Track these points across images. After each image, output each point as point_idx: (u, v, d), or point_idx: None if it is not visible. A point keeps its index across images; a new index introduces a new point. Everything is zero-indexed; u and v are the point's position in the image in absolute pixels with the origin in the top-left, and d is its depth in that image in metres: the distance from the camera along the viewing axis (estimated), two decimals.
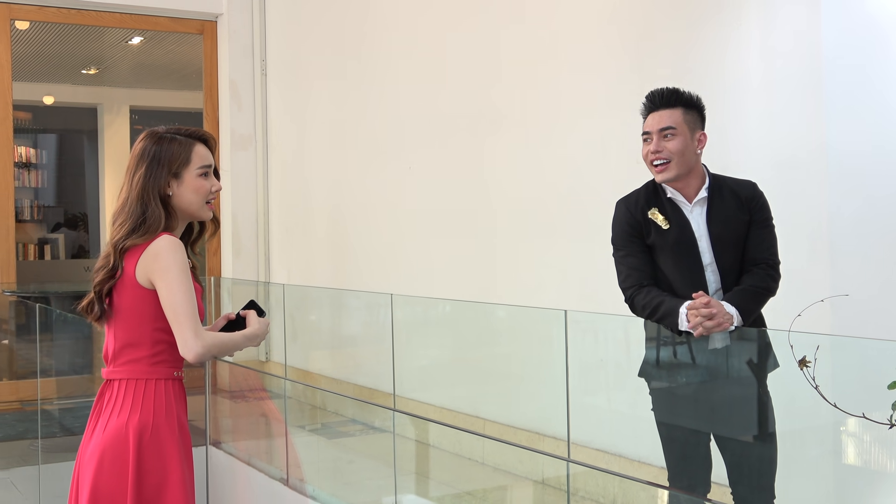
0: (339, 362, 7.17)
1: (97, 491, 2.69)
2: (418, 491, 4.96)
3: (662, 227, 3.31)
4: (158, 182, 2.74)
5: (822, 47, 4.05)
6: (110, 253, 2.73)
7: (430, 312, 5.95)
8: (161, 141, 2.78)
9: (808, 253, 4.03)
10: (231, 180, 8.45)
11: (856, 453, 3.80)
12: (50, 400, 5.79)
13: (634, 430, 4.44)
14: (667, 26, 4.73)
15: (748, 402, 3.42)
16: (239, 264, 8.41)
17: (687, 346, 3.34)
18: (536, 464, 5.02)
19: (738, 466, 3.34)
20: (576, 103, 5.26)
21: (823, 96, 4.06)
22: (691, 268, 3.30)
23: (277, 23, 8.34)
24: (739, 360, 3.40)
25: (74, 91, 11.26)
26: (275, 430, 4.93)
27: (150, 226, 2.71)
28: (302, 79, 8.00)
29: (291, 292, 7.04)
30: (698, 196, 3.33)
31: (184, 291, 2.66)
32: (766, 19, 4.31)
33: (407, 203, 6.64)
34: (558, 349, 3.79)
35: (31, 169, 11.32)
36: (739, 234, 3.32)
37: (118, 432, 2.69)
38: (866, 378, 2.94)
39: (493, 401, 5.51)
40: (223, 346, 2.78)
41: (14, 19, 8.08)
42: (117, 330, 2.77)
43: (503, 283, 5.76)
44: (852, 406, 2.29)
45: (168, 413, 2.74)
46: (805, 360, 1.80)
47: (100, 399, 2.80)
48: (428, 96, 6.42)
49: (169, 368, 2.77)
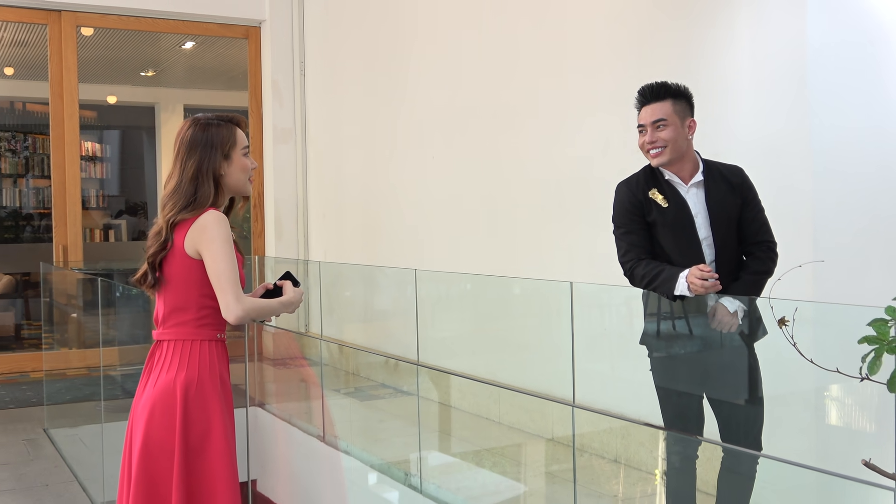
0: (371, 333, 7.18)
1: (149, 439, 2.70)
2: (441, 447, 4.97)
3: (662, 205, 3.29)
4: (213, 164, 2.75)
5: (806, 49, 4.03)
6: (162, 227, 2.74)
7: (452, 288, 5.95)
8: (208, 127, 2.79)
9: (792, 232, 4.00)
10: (273, 170, 8.47)
11: (836, 412, 3.78)
12: (113, 366, 5.82)
13: (636, 393, 4.42)
14: (666, 29, 4.70)
15: (737, 367, 3.40)
16: (281, 245, 8.44)
17: (684, 319, 3.33)
18: (547, 423, 5.02)
19: (728, 423, 3.32)
20: (582, 100, 5.23)
21: (806, 92, 4.04)
22: (689, 243, 3.29)
23: (315, 28, 8.34)
24: None
25: (134, 91, 11.30)
26: (312, 394, 4.95)
27: (199, 202, 2.72)
28: (337, 78, 8.00)
29: (327, 269, 7.05)
30: (694, 179, 3.32)
31: (227, 260, 2.67)
32: (756, 24, 4.28)
33: (430, 189, 6.64)
34: (566, 319, 3.78)
35: (96, 162, 11.37)
36: (732, 214, 3.31)
37: (167, 387, 2.71)
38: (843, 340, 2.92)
39: (508, 368, 5.50)
40: (261, 311, 2.78)
41: (80, 26, 8.13)
42: (167, 296, 2.78)
43: (516, 260, 5.75)
44: (831, 366, 2.27)
45: (211, 371, 2.75)
46: (784, 320, 1.77)
47: (151, 358, 2.81)
48: (448, 93, 6.41)
49: (213, 331, 2.78)
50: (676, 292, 3.14)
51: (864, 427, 3.69)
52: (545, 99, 5.50)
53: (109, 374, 5.70)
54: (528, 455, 5.31)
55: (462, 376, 4.94)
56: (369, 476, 4.19)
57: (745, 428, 3.30)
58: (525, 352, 5.33)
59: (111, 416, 5.19)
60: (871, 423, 3.61)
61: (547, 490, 4.38)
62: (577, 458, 4.57)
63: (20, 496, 5.03)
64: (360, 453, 4.33)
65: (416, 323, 4.77)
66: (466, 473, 4.57)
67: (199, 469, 2.71)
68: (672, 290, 3.15)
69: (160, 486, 2.70)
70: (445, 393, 5.28)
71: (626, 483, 4.73)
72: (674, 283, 3.15)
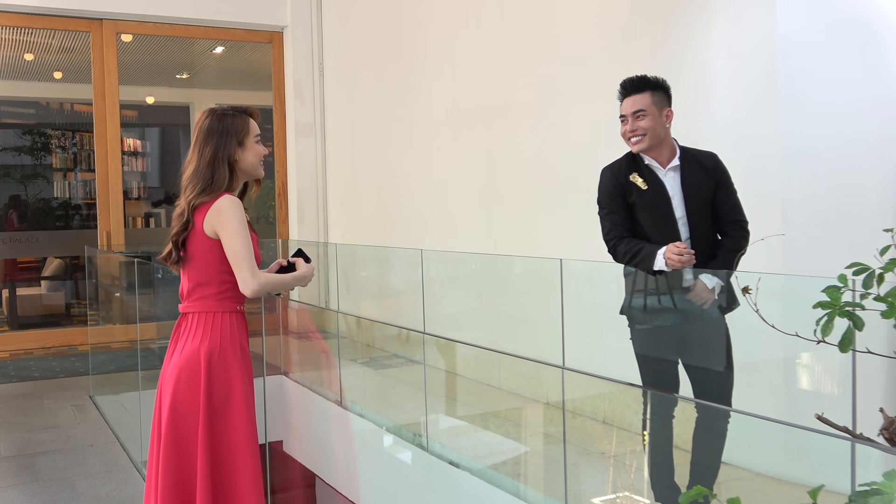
0: (384, 308, 7.18)
1: (176, 402, 2.70)
2: (447, 411, 4.96)
3: (642, 188, 3.28)
4: (228, 150, 2.74)
5: (776, 45, 4.00)
6: (184, 209, 2.73)
7: (459, 268, 5.95)
8: (223, 118, 2.77)
9: (763, 211, 3.97)
10: (296, 162, 8.47)
11: (802, 375, 3.76)
12: (150, 340, 5.83)
13: (622, 361, 4.42)
14: (649, 29, 4.66)
15: (711, 336, 3.38)
16: (303, 229, 8.44)
17: (667, 294, 3.31)
18: (543, 388, 5.00)
19: (702, 387, 3.31)
20: (572, 94, 5.21)
21: (775, 84, 4.01)
22: (666, 222, 3.27)
23: (332, 33, 8.32)
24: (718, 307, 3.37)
25: (170, 92, 11.30)
26: (327, 363, 4.95)
27: (216, 185, 2.71)
28: (352, 78, 7.98)
29: (344, 251, 7.06)
30: (671, 164, 3.31)
31: (242, 240, 2.66)
32: (730, 24, 4.25)
33: (436, 177, 6.62)
34: (558, 293, 3.77)
35: (138, 157, 11.38)
36: (707, 196, 3.30)
37: (192, 355, 2.70)
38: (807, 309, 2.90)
39: (508, 338, 5.50)
40: (275, 285, 2.77)
41: (120, 33, 8.12)
42: (190, 272, 2.77)
43: (514, 241, 5.73)
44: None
45: (232, 339, 2.75)
46: (747, 289, 1.75)
47: (177, 329, 2.81)
48: (453, 91, 6.39)
49: (233, 303, 2.77)
50: (655, 267, 3.14)
51: (830, 389, 3.68)
52: (540, 94, 5.48)
53: (147, 347, 5.72)
54: (527, 418, 5.31)
55: (466, 344, 4.93)
56: (383, 437, 4.19)
57: (717, 391, 3.28)
58: (523, 324, 5.32)
59: (148, 383, 5.21)
60: (835, 385, 3.60)
61: (544, 450, 4.37)
62: (571, 420, 4.56)
63: (69, 455, 5.06)
64: (374, 416, 4.32)
65: (423, 297, 4.77)
66: (470, 434, 4.56)
67: (222, 428, 2.71)
68: (651, 265, 3.15)
69: (187, 444, 2.71)
70: (451, 361, 5.27)
71: (615, 442, 4.73)
72: (653, 260, 3.14)
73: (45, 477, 4.68)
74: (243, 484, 2.70)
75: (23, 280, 9.46)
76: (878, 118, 3.94)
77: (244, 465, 2.70)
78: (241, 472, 2.71)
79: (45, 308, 9.29)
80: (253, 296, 2.68)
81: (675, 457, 3.27)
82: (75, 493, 4.41)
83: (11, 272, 9.44)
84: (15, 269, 9.51)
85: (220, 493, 2.70)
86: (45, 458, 5.00)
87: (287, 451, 4.24)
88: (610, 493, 3.78)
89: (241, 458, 2.72)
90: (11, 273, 9.44)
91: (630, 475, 4.00)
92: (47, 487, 4.51)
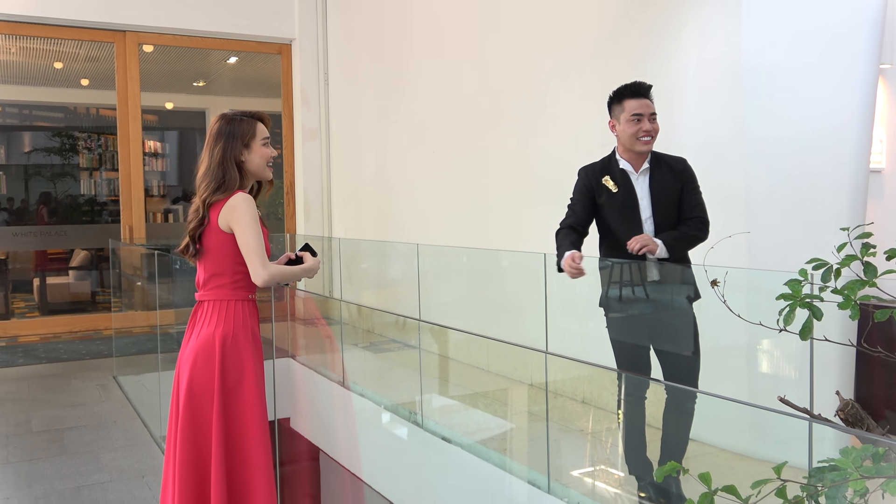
0: (383, 297, 7.17)
1: (192, 382, 2.69)
2: (440, 391, 4.95)
3: (612, 190, 3.27)
4: (234, 151, 2.72)
5: (742, 58, 4.00)
6: (199, 206, 2.71)
7: (451, 261, 5.94)
8: (232, 121, 2.76)
9: (729, 212, 3.97)
10: (302, 163, 8.44)
11: (765, 361, 3.76)
12: (169, 325, 5.81)
13: (599, 347, 4.42)
14: (626, 43, 4.65)
15: (679, 325, 3.38)
16: (309, 224, 8.42)
17: (640, 286, 3.31)
18: (527, 371, 5.00)
19: (672, 370, 3.31)
20: (555, 103, 5.20)
21: (742, 94, 4.01)
22: (633, 221, 3.26)
23: (336, 45, 8.29)
24: (672, 294, 3.36)
25: (188, 99, 11.25)
26: (333, 348, 4.93)
27: (228, 185, 2.69)
28: (354, 87, 7.95)
29: (346, 245, 7.04)
30: (642, 167, 3.28)
31: (254, 234, 2.65)
32: (700, 36, 4.24)
33: (431, 178, 6.61)
34: (541, 284, 3.76)
35: (158, 157, 11.31)
36: (673, 198, 3.27)
37: (207, 339, 2.69)
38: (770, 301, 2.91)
39: (496, 325, 5.50)
40: (284, 275, 2.76)
41: (142, 44, 8.08)
42: (206, 264, 2.76)
43: (501, 236, 5.73)
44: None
45: (244, 326, 2.73)
46: (715, 281, 1.74)
47: (194, 315, 2.80)
48: (445, 99, 6.37)
49: (245, 292, 2.76)
50: (557, 269, 3.19)
51: (789, 373, 3.68)
52: (525, 101, 5.47)
53: (166, 331, 5.70)
54: (512, 398, 5.30)
55: (457, 330, 4.93)
56: (382, 415, 4.18)
57: (685, 374, 3.28)
58: (509, 312, 5.32)
59: (167, 365, 5.19)
60: (794, 370, 3.60)
61: (528, 427, 4.37)
62: (552, 400, 4.56)
63: (94, 430, 5.04)
64: (373, 396, 4.31)
65: (418, 287, 4.76)
66: (461, 413, 4.55)
67: (234, 407, 2.70)
68: (558, 264, 3.19)
69: (202, 421, 2.70)
70: (444, 346, 5.25)
71: (592, 420, 4.73)
72: (560, 260, 3.18)
73: (73, 450, 4.66)
74: (254, 457, 2.69)
75: (52, 270, 9.42)
76: (834, 128, 3.94)
77: (255, 440, 2.69)
78: (252, 446, 2.70)
79: (73, 295, 9.26)
80: (264, 285, 2.67)
81: (647, 434, 3.27)
82: (100, 465, 4.40)
83: (42, 263, 9.40)
84: (45, 259, 9.47)
85: (233, 465, 2.69)
86: (73, 433, 4.98)
87: (294, 427, 4.23)
88: (588, 467, 3.78)
89: (252, 433, 2.71)
90: (42, 263, 9.40)
91: (606, 450, 4.00)
92: (74, 459, 4.50)
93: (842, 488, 1.14)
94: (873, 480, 1.13)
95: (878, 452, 1.15)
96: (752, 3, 3.99)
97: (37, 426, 5.14)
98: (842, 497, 1.16)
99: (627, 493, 3.36)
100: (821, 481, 1.17)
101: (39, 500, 3.93)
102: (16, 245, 8.70)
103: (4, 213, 9.47)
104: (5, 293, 8.56)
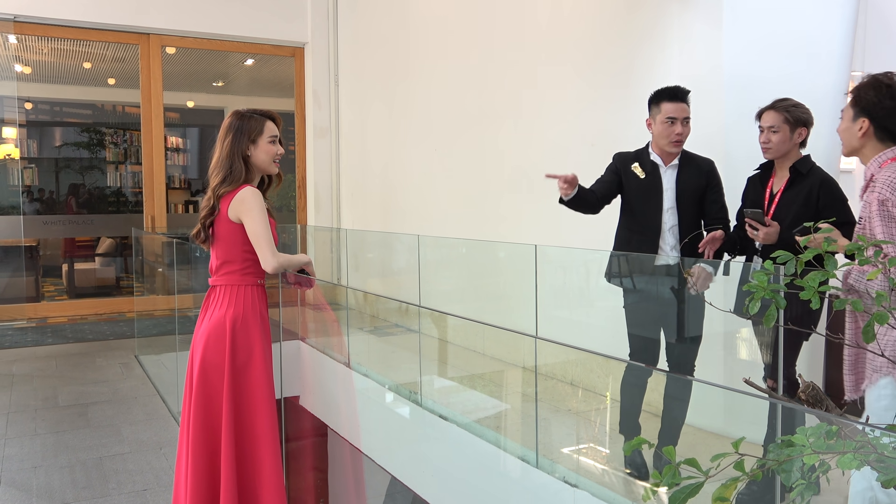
0: (387, 285, 7.18)
1: (205, 362, 2.71)
2: (439, 373, 4.97)
3: (640, 176, 3.29)
4: (241, 146, 2.74)
5: (723, 68, 3.99)
6: (211, 197, 2.73)
7: (452, 252, 5.93)
8: (243, 118, 2.77)
9: None
10: (313, 159, 8.45)
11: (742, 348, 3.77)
12: (188, 308, 5.83)
13: (588, 333, 4.42)
14: (614, 51, 4.64)
15: (681, 315, 3.39)
16: (319, 216, 8.43)
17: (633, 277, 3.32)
18: (521, 355, 5.00)
19: (671, 350, 3.32)
20: (551, 105, 5.19)
21: (722, 101, 4.00)
22: (654, 208, 3.28)
23: (346, 48, 8.27)
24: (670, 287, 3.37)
25: (208, 98, 11.25)
26: (338, 331, 4.94)
27: (235, 177, 2.70)
28: (362, 88, 7.95)
29: (353, 236, 7.04)
30: (672, 162, 3.31)
31: (263, 225, 2.66)
32: (683, 47, 4.23)
33: (434, 174, 6.61)
34: (532, 274, 3.76)
35: (180, 153, 11.33)
36: (696, 195, 3.30)
37: (219, 321, 2.71)
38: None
39: (492, 311, 5.50)
40: (290, 263, 2.78)
41: (164, 46, 8.07)
42: (217, 251, 2.77)
43: (498, 229, 5.73)
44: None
45: (253, 309, 2.75)
46: (689, 272, 1.75)
47: (207, 299, 2.82)
48: (449, 99, 6.37)
49: (254, 278, 2.78)
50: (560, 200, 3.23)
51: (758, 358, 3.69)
52: (525, 104, 5.46)
53: (184, 314, 5.72)
54: (506, 380, 5.31)
55: (456, 316, 4.94)
56: (384, 394, 4.20)
57: (685, 354, 3.29)
58: (505, 300, 5.32)
59: (184, 345, 5.21)
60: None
61: (521, 407, 4.39)
62: (543, 382, 4.57)
63: (116, 405, 5.07)
64: (377, 376, 4.33)
65: (419, 275, 4.76)
66: (459, 393, 4.57)
67: (244, 385, 2.72)
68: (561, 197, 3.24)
69: (214, 397, 2.72)
70: (443, 331, 5.27)
71: (580, 401, 4.74)
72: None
73: (96, 423, 4.69)
74: (261, 430, 2.72)
75: (79, 256, 9.45)
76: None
77: (262, 414, 2.71)
78: (259, 421, 2.72)
79: (98, 280, 9.29)
80: (272, 272, 2.69)
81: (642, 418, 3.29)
82: (121, 438, 4.43)
83: (70, 249, 9.44)
84: (73, 246, 9.50)
85: (242, 437, 2.72)
86: (97, 408, 5.01)
87: (303, 405, 4.25)
88: (576, 444, 3.80)
89: (260, 409, 2.73)
90: (70, 250, 9.43)
91: (594, 429, 4.02)
92: (98, 432, 4.53)
93: (796, 462, 1.16)
94: (833, 458, 1.14)
95: (830, 430, 1.16)
96: (733, 13, 3.98)
97: (63, 401, 5.17)
98: (796, 471, 1.18)
99: (613, 469, 3.38)
100: (778, 456, 1.18)
101: (65, 469, 3.96)
102: (46, 233, 8.73)
103: (36, 203, 9.49)
104: (36, 277, 8.59)
